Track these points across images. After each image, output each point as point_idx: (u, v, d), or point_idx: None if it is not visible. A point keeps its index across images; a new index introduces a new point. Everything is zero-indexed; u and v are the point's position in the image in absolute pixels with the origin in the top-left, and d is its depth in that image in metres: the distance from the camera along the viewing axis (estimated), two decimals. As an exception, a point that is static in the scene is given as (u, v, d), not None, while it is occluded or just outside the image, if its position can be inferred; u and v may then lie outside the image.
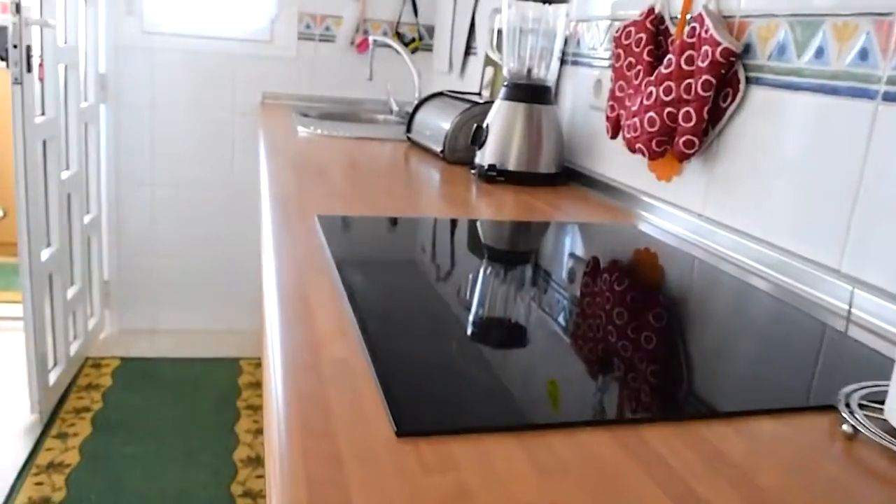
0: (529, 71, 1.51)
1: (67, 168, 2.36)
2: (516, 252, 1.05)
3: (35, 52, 1.98)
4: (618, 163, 1.39)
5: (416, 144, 1.89)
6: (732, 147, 1.08)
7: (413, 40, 2.81)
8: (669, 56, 1.13)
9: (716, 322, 0.82)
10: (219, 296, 2.91)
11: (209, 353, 2.75)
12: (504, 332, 0.71)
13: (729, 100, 1.07)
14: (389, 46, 2.68)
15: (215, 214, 2.81)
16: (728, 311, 0.86)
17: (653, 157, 1.18)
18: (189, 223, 2.81)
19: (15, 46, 1.83)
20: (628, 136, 1.23)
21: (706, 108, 1.08)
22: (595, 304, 0.81)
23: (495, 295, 0.83)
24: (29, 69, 1.89)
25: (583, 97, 1.53)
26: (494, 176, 1.44)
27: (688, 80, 1.10)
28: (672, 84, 1.12)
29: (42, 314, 2.12)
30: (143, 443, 2.14)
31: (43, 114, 2.11)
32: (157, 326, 2.89)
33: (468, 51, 2.36)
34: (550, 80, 1.51)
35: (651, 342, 0.71)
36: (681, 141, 1.11)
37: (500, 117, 1.48)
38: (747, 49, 1.05)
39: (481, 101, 1.67)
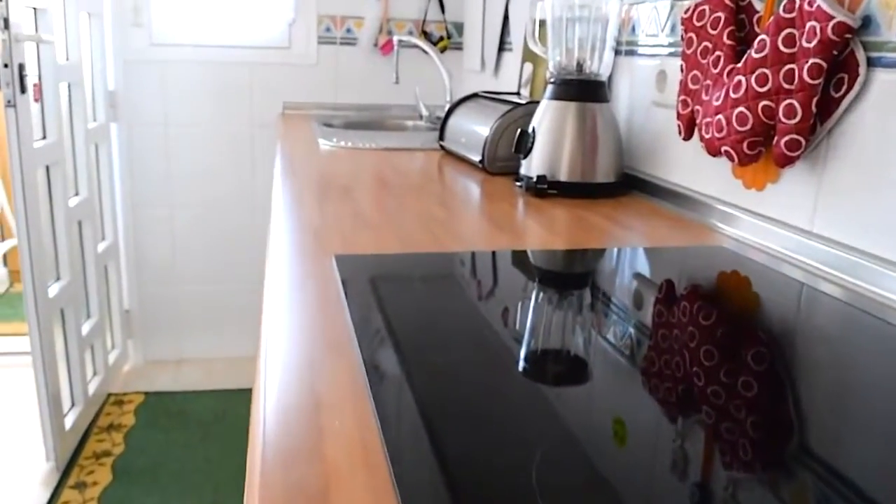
0: (579, 64, 1.29)
1: (77, 194, 2.21)
2: (593, 298, 0.84)
3: (32, 72, 1.82)
4: (691, 168, 1.17)
5: (450, 153, 1.69)
6: (850, 146, 0.86)
7: (441, 39, 2.61)
8: (762, 37, 0.91)
9: (852, 374, 0.60)
10: (246, 321, 2.74)
11: (237, 383, 2.58)
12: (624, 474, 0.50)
13: (844, 88, 0.85)
14: (416, 47, 2.49)
15: (238, 234, 2.64)
16: (867, 360, 0.64)
17: (744, 161, 0.96)
18: (211, 245, 2.64)
19: (6, 66, 1.67)
20: (709, 136, 1.02)
21: (815, 100, 0.86)
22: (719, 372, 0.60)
23: (584, 383, 0.63)
24: (23, 90, 1.73)
25: (642, 92, 1.32)
26: (545, 189, 1.23)
27: (788, 66, 0.88)
28: (767, 71, 0.90)
29: (53, 354, 1.96)
30: (167, 491, 1.97)
31: (44, 137, 1.95)
32: (183, 356, 2.73)
33: (502, 46, 2.15)
34: (604, 73, 1.30)
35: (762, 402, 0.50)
36: (782, 141, 0.89)
37: (548, 120, 1.27)
38: (866, 23, 0.82)
39: (523, 102, 1.46)
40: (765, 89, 0.90)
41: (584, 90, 1.27)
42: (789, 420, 0.52)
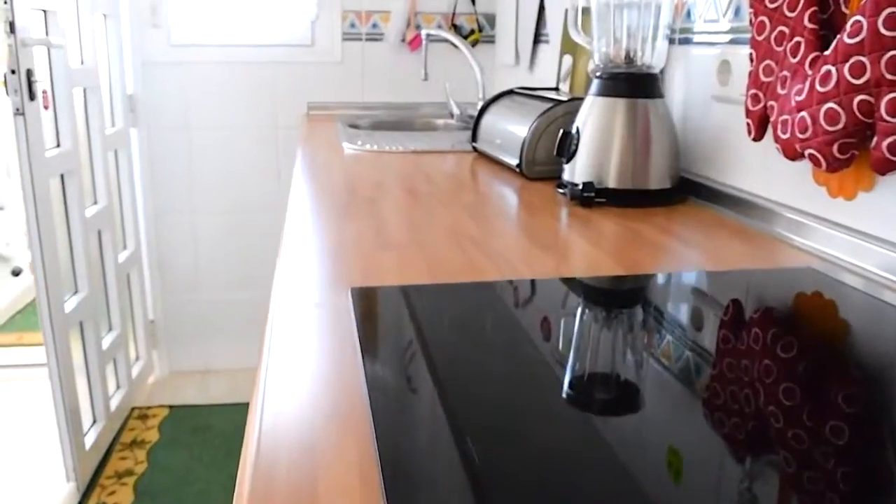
0: (628, 56, 1.15)
1: (95, 202, 2.12)
2: (656, 333, 0.71)
3: (42, 77, 1.73)
4: (760, 172, 1.03)
5: (483, 156, 1.56)
6: (972, 148, 0.71)
7: (472, 32, 2.47)
8: (856, 18, 0.76)
9: None
10: (273, 330, 2.64)
11: (264, 395, 2.48)
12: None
13: (963, 77, 0.70)
14: (445, 41, 2.36)
15: (265, 239, 2.53)
16: None
17: (833, 166, 0.82)
18: (237, 251, 2.55)
19: (13, 72, 1.58)
20: (787, 136, 0.87)
21: (926, 92, 0.71)
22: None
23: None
24: (32, 97, 1.63)
25: (700, 86, 1.17)
26: (592, 198, 1.10)
27: (892, 53, 0.73)
28: (865, 60, 0.75)
29: (70, 372, 1.88)
30: (189, 514, 1.87)
31: (58, 145, 1.86)
32: (210, 367, 2.64)
33: (537, 38, 2.01)
34: (656, 65, 1.15)
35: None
36: (884, 143, 0.74)
37: (594, 118, 1.14)
38: None
39: (564, 99, 1.32)
40: (862, 81, 0.75)
41: (634, 84, 1.13)
42: (889, 473, 0.44)
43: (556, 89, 1.64)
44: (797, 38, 0.88)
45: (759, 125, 0.96)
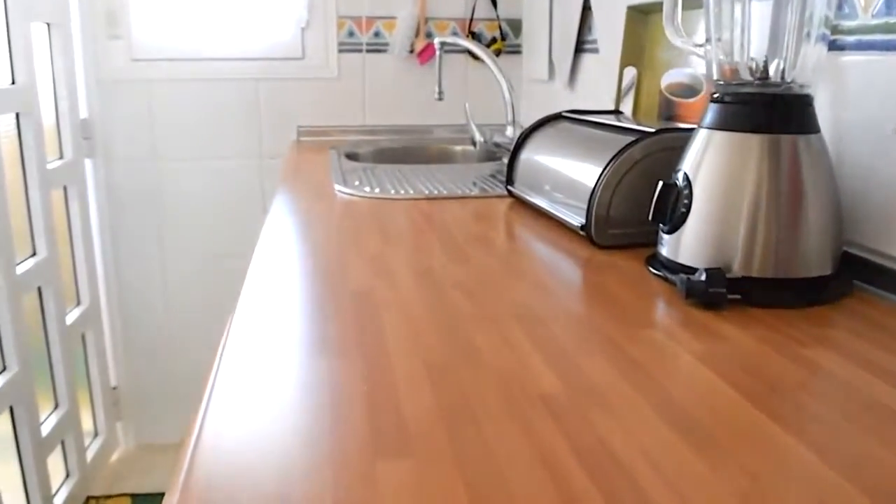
0: (763, 68, 0.75)
1: (34, 254, 1.72)
2: None
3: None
4: None
5: (522, 203, 1.15)
6: None
7: (493, 41, 2.07)
8: None
9: None
10: (259, 394, 2.23)
11: (247, 478, 2.07)
12: None
13: None
14: (464, 51, 1.97)
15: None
16: None
17: None
18: (215, 303, 2.14)
19: None
20: None
21: None
22: None
23: None
24: (-77, 129, 1.24)
25: (870, 114, 0.77)
26: (724, 295, 0.69)
27: None
28: None
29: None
30: None
31: (-26, 188, 1.47)
32: (183, 438, 2.23)
33: (580, 47, 1.61)
34: (808, 83, 0.75)
35: None
36: None
37: (714, 165, 0.73)
38: None
39: (648, 129, 0.91)
40: None
41: (777, 112, 0.72)
42: None
43: (618, 112, 1.24)
44: None
45: None
